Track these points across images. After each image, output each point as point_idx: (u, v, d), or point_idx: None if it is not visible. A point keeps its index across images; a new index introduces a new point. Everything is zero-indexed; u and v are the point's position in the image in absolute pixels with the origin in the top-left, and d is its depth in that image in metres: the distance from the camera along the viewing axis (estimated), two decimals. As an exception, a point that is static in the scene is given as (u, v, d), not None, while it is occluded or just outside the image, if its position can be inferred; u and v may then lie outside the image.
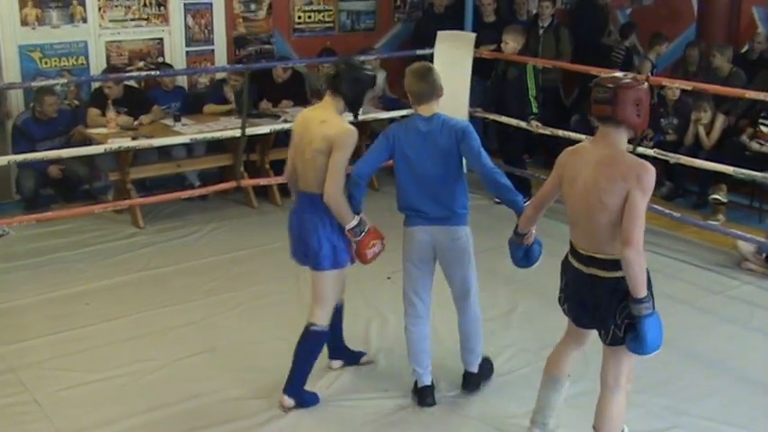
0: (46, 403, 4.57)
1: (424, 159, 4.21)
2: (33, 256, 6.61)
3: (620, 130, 3.54)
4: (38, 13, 7.66)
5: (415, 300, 4.43)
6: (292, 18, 9.11)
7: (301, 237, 4.29)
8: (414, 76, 4.29)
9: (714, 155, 7.24)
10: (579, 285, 3.71)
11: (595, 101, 3.57)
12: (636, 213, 3.42)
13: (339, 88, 4.23)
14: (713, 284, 6.22)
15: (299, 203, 4.34)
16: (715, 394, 4.74)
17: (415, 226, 4.31)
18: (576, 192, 3.60)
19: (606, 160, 3.51)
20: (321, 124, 4.19)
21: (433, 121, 4.25)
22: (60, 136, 7.45)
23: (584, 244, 3.64)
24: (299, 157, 4.28)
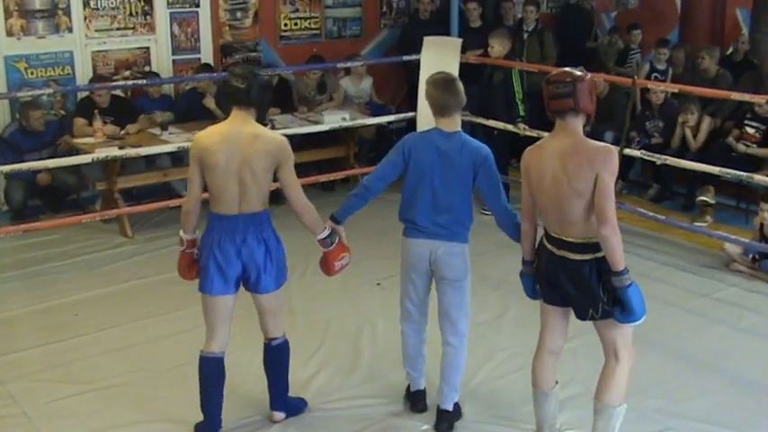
0: (35, 415, 4.54)
1: (436, 178, 4.10)
2: (21, 267, 6.58)
3: (577, 119, 3.73)
4: (23, 24, 7.64)
5: (410, 308, 4.36)
6: (279, 25, 9.11)
7: (251, 260, 4.00)
8: (438, 87, 4.15)
9: (701, 156, 7.27)
10: (551, 266, 3.83)
11: (555, 96, 3.73)
12: (607, 193, 3.61)
13: (251, 99, 4.00)
14: (701, 286, 6.25)
15: (235, 227, 3.97)
16: (706, 395, 4.76)
17: (415, 238, 4.20)
18: (546, 184, 3.73)
19: (571, 149, 3.68)
20: (255, 140, 3.92)
21: (454, 139, 4.12)
22: (47, 147, 7.42)
23: (556, 228, 3.78)
24: (231, 178, 3.91)
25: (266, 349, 4.30)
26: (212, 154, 3.92)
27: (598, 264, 3.73)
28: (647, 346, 5.30)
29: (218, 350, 4.15)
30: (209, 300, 4.08)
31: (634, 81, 7.35)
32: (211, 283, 4.03)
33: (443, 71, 4.32)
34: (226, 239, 3.98)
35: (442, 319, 4.32)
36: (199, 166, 3.97)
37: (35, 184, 7.39)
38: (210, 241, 4.02)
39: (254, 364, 4.53)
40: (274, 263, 4.06)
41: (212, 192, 4.00)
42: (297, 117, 8.24)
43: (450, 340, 4.32)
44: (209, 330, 4.16)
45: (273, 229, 4.08)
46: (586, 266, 3.74)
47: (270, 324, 4.24)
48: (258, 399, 4.52)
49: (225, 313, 4.12)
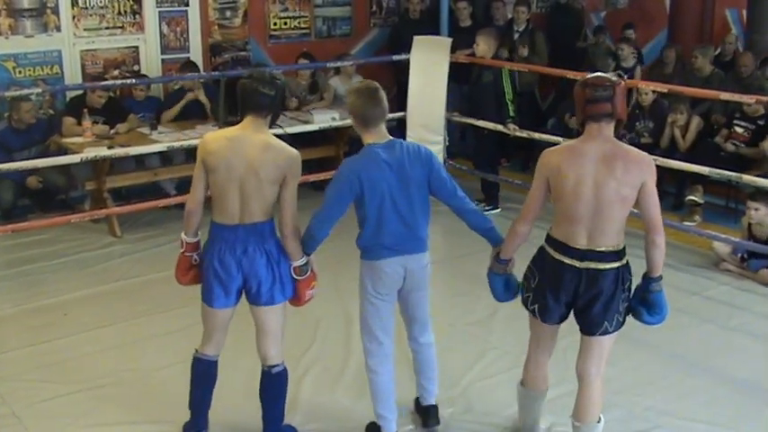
0: (24, 415, 4.52)
1: (398, 193, 3.91)
2: (10, 267, 6.55)
3: (611, 125, 3.69)
4: (11, 23, 7.61)
5: (382, 338, 4.10)
6: (268, 25, 9.10)
7: (252, 272, 3.89)
8: (361, 97, 3.93)
9: (690, 156, 7.30)
10: (565, 281, 3.73)
11: (593, 100, 3.64)
12: (657, 200, 3.67)
13: (275, 107, 3.94)
14: (691, 285, 6.27)
15: (235, 237, 3.87)
16: (696, 394, 4.78)
17: (386, 258, 3.98)
18: (585, 189, 3.62)
19: (613, 154, 3.62)
20: (266, 150, 3.81)
21: (396, 148, 3.93)
22: (37, 145, 7.39)
23: (584, 239, 3.68)
24: (233, 187, 3.82)
25: (265, 377, 4.11)
26: (215, 158, 3.83)
27: (623, 272, 3.74)
28: (636, 344, 5.32)
29: (212, 354, 4.12)
30: (209, 310, 4.02)
31: (624, 81, 7.36)
32: (212, 295, 3.96)
33: (366, 80, 4.14)
34: (226, 251, 3.88)
35: (412, 325, 4.24)
36: (203, 169, 3.89)
37: (24, 183, 7.36)
38: (212, 253, 3.92)
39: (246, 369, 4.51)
40: (277, 275, 3.92)
41: (214, 198, 3.91)
42: (287, 116, 8.22)
43: (422, 340, 4.27)
44: (207, 336, 4.11)
45: (277, 241, 3.94)
46: (612, 276, 3.71)
47: (270, 348, 4.06)
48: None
49: (224, 323, 4.08)
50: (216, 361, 4.15)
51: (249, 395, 4.34)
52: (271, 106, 3.89)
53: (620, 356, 5.12)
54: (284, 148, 3.87)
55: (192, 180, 3.96)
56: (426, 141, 7.76)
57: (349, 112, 4.02)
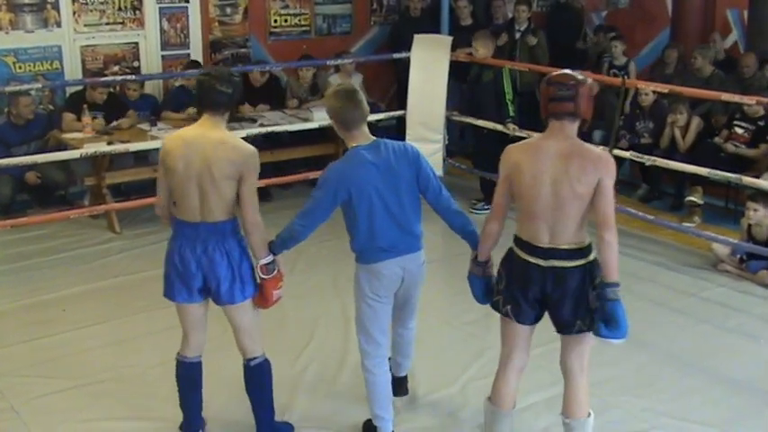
0: (23, 411, 4.53)
1: (386, 193, 3.89)
2: (9, 263, 6.55)
3: (574, 124, 3.67)
4: (11, 18, 7.60)
5: (381, 339, 4.11)
6: (268, 22, 9.10)
7: (211, 271, 3.85)
8: (339, 99, 3.90)
9: (689, 157, 7.30)
10: (533, 281, 3.69)
11: (555, 98, 3.63)
12: (611, 198, 3.59)
13: (233, 104, 3.93)
14: (689, 286, 6.27)
15: (196, 235, 3.84)
16: (693, 395, 4.78)
17: (383, 261, 3.96)
18: (542, 186, 3.60)
19: (570, 152, 3.60)
20: (220, 146, 3.77)
21: (381, 148, 3.91)
22: (36, 140, 7.39)
23: (546, 237, 3.65)
24: (191, 184, 3.78)
25: (245, 370, 4.12)
26: (172, 158, 3.81)
27: (590, 269, 3.66)
28: (635, 345, 5.31)
29: (191, 356, 4.09)
30: (178, 307, 4.01)
31: (624, 81, 7.37)
32: (172, 290, 3.94)
33: (343, 83, 4.18)
34: (186, 248, 3.86)
35: (404, 315, 4.32)
36: (164, 171, 3.88)
37: (23, 179, 7.36)
38: (172, 247, 3.92)
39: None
40: (237, 275, 3.87)
41: (174, 197, 3.88)
42: (286, 114, 8.23)
43: (410, 325, 4.39)
44: (184, 336, 4.09)
45: (239, 240, 3.89)
46: (579, 273, 3.65)
47: (245, 341, 4.06)
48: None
49: (195, 321, 4.02)
50: (198, 362, 4.11)
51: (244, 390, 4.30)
52: (228, 104, 3.87)
53: (618, 357, 5.13)
54: (239, 145, 3.84)
55: (157, 183, 3.96)
56: (426, 140, 7.77)
57: (329, 116, 3.99)
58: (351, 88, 4.01)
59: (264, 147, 8.10)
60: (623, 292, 5.99)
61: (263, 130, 7.72)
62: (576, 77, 3.65)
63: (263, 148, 8.10)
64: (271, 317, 4.69)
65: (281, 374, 4.89)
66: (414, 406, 4.63)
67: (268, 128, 7.76)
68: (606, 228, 3.57)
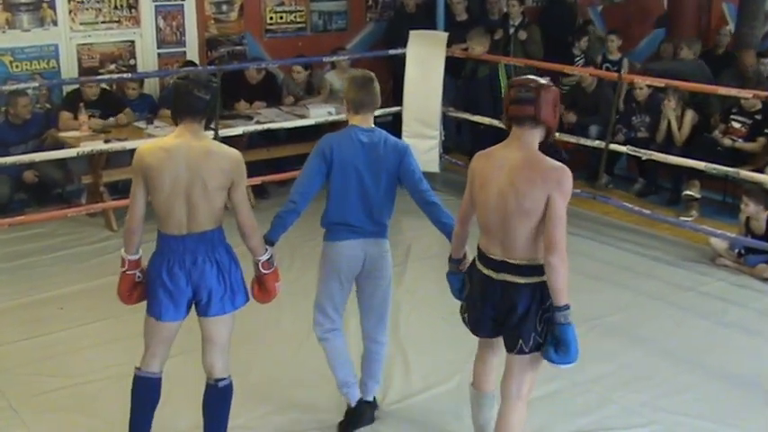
0: (22, 409, 4.53)
1: (365, 172, 3.99)
2: (6, 261, 6.55)
3: (535, 131, 3.48)
4: (8, 17, 7.59)
5: (333, 315, 4.19)
6: (264, 19, 9.09)
7: (202, 282, 3.74)
8: (355, 85, 4.07)
9: (686, 151, 7.31)
10: (487, 293, 3.58)
11: (515, 101, 3.45)
12: (558, 217, 3.34)
13: (211, 110, 3.80)
14: (687, 281, 6.28)
15: (183, 248, 3.72)
16: (691, 390, 4.78)
17: (345, 240, 4.05)
18: (490, 197, 3.48)
19: (522, 163, 3.42)
20: (209, 157, 3.66)
21: (375, 134, 4.06)
22: (33, 140, 7.39)
23: (497, 249, 3.52)
24: (179, 198, 3.66)
25: (209, 391, 3.93)
26: (158, 173, 3.64)
27: (541, 289, 3.46)
28: (632, 340, 5.34)
29: (157, 370, 3.92)
30: (157, 324, 3.82)
31: (620, 76, 7.38)
32: (161, 309, 3.78)
33: (363, 70, 4.21)
34: (174, 263, 3.73)
35: (370, 318, 4.25)
36: (143, 184, 3.70)
37: (21, 178, 7.35)
38: (159, 265, 3.76)
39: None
40: (228, 285, 3.79)
41: (158, 212, 3.74)
42: (283, 111, 8.23)
43: (378, 338, 4.28)
44: (150, 350, 3.89)
45: (227, 248, 3.81)
46: (528, 291, 3.47)
47: (217, 360, 3.88)
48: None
49: (171, 337, 3.90)
50: (160, 378, 3.94)
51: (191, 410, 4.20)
52: (206, 110, 3.74)
53: (615, 352, 5.15)
54: (227, 152, 3.74)
55: (131, 194, 3.77)
56: (422, 136, 7.77)
57: (344, 97, 4.16)
58: (368, 76, 4.13)
59: (261, 144, 8.14)
60: (620, 288, 6.04)
61: (260, 127, 7.72)
62: (538, 81, 3.47)
63: (260, 145, 8.16)
64: (269, 312, 4.71)
65: (280, 370, 4.92)
66: (412, 403, 4.63)
67: (264, 125, 7.76)
68: (551, 251, 3.33)
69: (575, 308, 5.69)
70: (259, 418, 4.47)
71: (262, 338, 5.24)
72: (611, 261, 6.58)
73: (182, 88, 3.75)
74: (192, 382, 4.24)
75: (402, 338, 5.26)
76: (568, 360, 3.45)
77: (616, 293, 6.03)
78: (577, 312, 5.58)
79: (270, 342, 5.25)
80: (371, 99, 4.08)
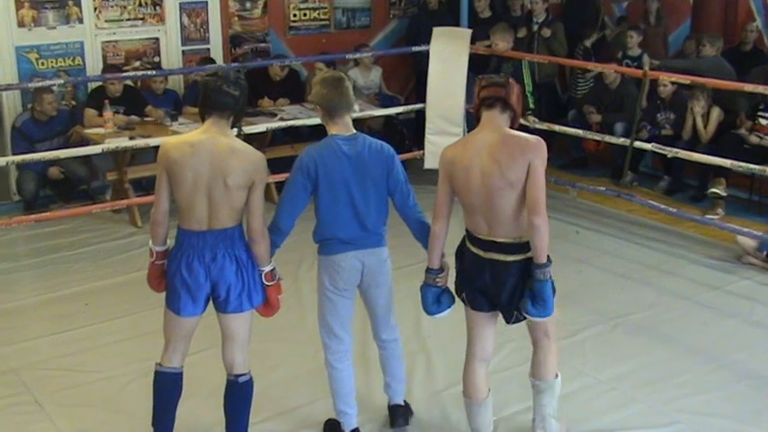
0: (47, 404, 4.58)
1: (353, 185, 3.87)
2: (33, 257, 6.62)
3: (503, 116, 3.78)
4: (34, 15, 7.66)
5: (341, 334, 4.07)
6: (287, 16, 9.11)
7: (221, 278, 3.76)
8: (325, 87, 3.88)
9: (712, 148, 7.24)
10: (477, 271, 3.77)
11: (488, 85, 3.82)
12: (540, 181, 3.62)
13: (241, 108, 3.82)
14: (713, 279, 6.22)
15: (203, 243, 3.74)
16: (716, 389, 4.74)
17: (342, 253, 3.95)
18: (474, 180, 3.68)
19: (499, 141, 3.69)
20: (232, 155, 3.68)
21: (358, 142, 3.90)
22: (58, 136, 7.46)
23: (484, 229, 3.73)
24: (200, 194, 3.69)
25: (230, 387, 3.96)
26: (181, 168, 3.68)
27: (527, 265, 3.69)
28: (657, 338, 5.30)
29: (177, 365, 3.96)
30: (176, 319, 3.86)
31: (645, 73, 7.32)
32: (179, 304, 3.81)
33: (332, 70, 4.15)
34: (194, 258, 3.75)
35: (375, 321, 4.21)
36: (167, 178, 3.74)
37: (46, 175, 7.42)
38: (179, 259, 3.79)
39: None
40: (246, 281, 3.80)
41: (180, 206, 3.77)
42: (306, 108, 8.24)
43: (385, 337, 4.23)
44: (170, 346, 3.93)
45: (247, 246, 3.82)
46: (516, 268, 3.70)
47: (237, 356, 3.91)
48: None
49: (190, 332, 3.93)
50: (181, 372, 3.98)
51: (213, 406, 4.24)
52: (234, 107, 3.77)
53: (640, 351, 5.12)
54: (250, 152, 3.76)
55: (156, 188, 3.80)
56: (445, 133, 7.75)
57: (314, 102, 3.97)
58: (338, 76, 3.98)
59: (284, 141, 8.16)
60: (645, 286, 6.00)
61: (283, 124, 7.74)
62: (506, 76, 3.91)
63: (284, 142, 8.18)
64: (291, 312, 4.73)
65: (301, 368, 4.92)
66: (433, 401, 4.62)
67: (288, 122, 7.77)
68: (535, 212, 3.59)
69: (599, 306, 5.69)
70: (280, 415, 4.48)
71: (285, 336, 5.24)
72: (635, 259, 6.54)
73: (211, 84, 3.78)
74: (215, 378, 4.27)
75: (424, 336, 5.26)
76: (545, 314, 3.70)
77: (641, 292, 5.98)
78: (602, 310, 5.62)
79: (293, 340, 5.25)
80: (345, 101, 3.89)
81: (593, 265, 6.43)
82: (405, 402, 4.37)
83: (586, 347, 5.16)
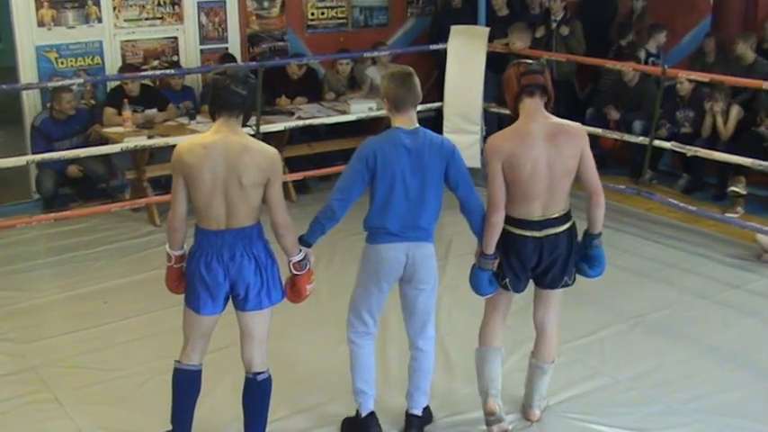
0: (67, 401, 4.60)
1: (410, 180, 3.90)
2: (52, 255, 6.66)
3: (544, 100, 3.95)
4: (54, 14, 7.71)
5: (367, 319, 4.12)
6: (305, 15, 9.12)
7: (240, 277, 3.77)
8: (394, 82, 3.93)
9: (732, 146, 7.19)
10: (532, 252, 3.97)
11: (528, 72, 3.91)
12: (593, 163, 3.94)
13: (249, 106, 3.82)
14: (732, 278, 6.18)
15: (222, 242, 3.75)
16: (736, 389, 4.71)
17: (387, 243, 3.97)
18: (540, 169, 3.85)
19: (555, 130, 3.89)
20: (245, 153, 3.68)
21: (419, 136, 3.93)
22: (77, 135, 7.50)
23: (538, 212, 3.93)
24: (217, 195, 3.70)
25: (248, 384, 3.97)
26: (197, 171, 3.68)
27: (573, 231, 4.03)
28: (677, 338, 5.28)
29: (197, 363, 3.98)
30: (196, 317, 3.88)
31: (664, 71, 7.28)
32: (199, 302, 3.83)
33: (401, 66, 4.09)
34: (213, 258, 3.76)
35: (412, 324, 4.16)
36: (183, 182, 3.75)
37: (65, 173, 7.47)
38: (197, 258, 3.80)
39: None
40: (265, 280, 3.81)
41: (197, 207, 3.78)
42: (324, 107, 8.25)
43: (421, 346, 4.17)
44: (189, 344, 3.95)
45: (266, 244, 3.83)
46: (566, 236, 3.98)
47: (256, 353, 3.93)
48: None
49: (210, 330, 3.95)
50: (200, 370, 4.00)
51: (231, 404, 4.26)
52: (243, 105, 3.75)
53: (659, 350, 5.09)
54: (263, 149, 3.75)
55: (172, 193, 3.81)
56: (463, 131, 7.75)
57: (382, 95, 4.02)
58: (407, 71, 3.99)
59: (302, 139, 8.18)
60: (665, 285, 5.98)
61: (301, 122, 7.75)
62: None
63: (301, 140, 8.19)
64: (309, 309, 4.73)
65: (319, 367, 4.92)
66: (451, 399, 4.61)
67: (305, 120, 7.79)
68: (598, 192, 3.95)
69: (619, 304, 5.67)
70: (298, 413, 4.48)
71: (303, 334, 5.26)
72: (655, 258, 6.51)
73: (219, 83, 3.76)
74: (233, 375, 4.28)
75: (443, 336, 5.24)
76: (601, 271, 4.13)
77: (660, 290, 5.95)
78: (621, 309, 5.60)
79: (312, 338, 5.26)
80: (413, 96, 3.94)
81: (611, 263, 6.33)
82: (423, 413, 4.30)
83: (605, 347, 5.14)
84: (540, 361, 4.26)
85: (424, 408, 4.28)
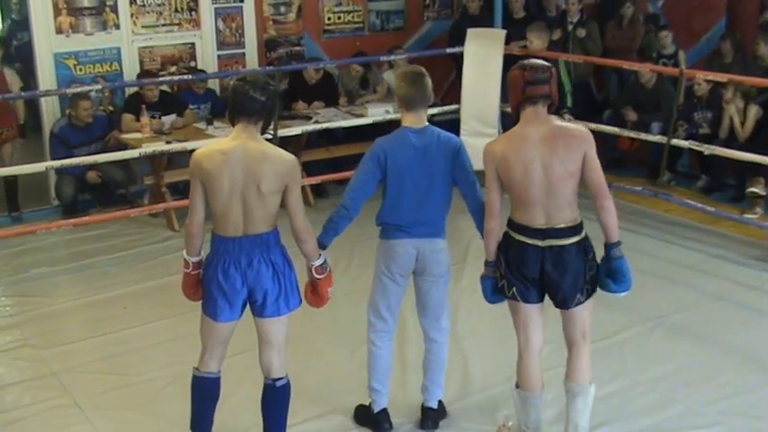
0: (87, 406, 4.63)
1: (419, 176, 4.00)
2: (72, 261, 6.71)
3: (547, 106, 3.84)
4: (72, 21, 7.77)
5: (386, 315, 4.20)
6: (322, 19, 9.14)
7: (258, 283, 3.77)
8: (405, 81, 4.03)
9: (750, 147, 7.15)
10: (533, 261, 3.81)
11: (533, 82, 3.79)
12: (599, 167, 3.77)
13: (269, 112, 3.80)
14: (752, 279, 6.14)
15: (240, 249, 3.74)
16: (757, 390, 4.68)
17: (399, 239, 4.07)
18: (535, 173, 3.74)
19: (554, 133, 3.77)
20: (264, 160, 3.68)
21: (427, 134, 4.03)
22: (96, 141, 7.54)
23: (543, 219, 3.78)
24: (235, 201, 3.69)
25: (267, 390, 3.97)
26: (216, 178, 3.68)
27: (584, 245, 3.83)
28: (696, 339, 5.25)
29: (215, 370, 3.98)
30: (213, 324, 3.88)
31: (681, 71, 7.25)
32: (216, 309, 3.83)
33: (414, 66, 4.20)
34: (230, 264, 3.76)
35: (426, 317, 4.25)
36: (201, 188, 3.75)
37: (84, 180, 7.52)
38: (215, 265, 3.80)
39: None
40: (283, 286, 3.81)
41: (215, 214, 3.77)
42: (341, 110, 8.27)
43: (434, 337, 4.26)
44: (208, 351, 3.95)
45: (283, 250, 3.83)
46: (574, 250, 3.79)
47: (275, 359, 3.92)
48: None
49: (228, 337, 3.94)
50: (219, 377, 4.01)
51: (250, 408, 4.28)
52: (262, 112, 3.75)
53: (679, 352, 5.07)
54: (282, 156, 3.75)
55: (190, 199, 3.82)
56: (480, 134, 7.73)
57: (395, 94, 4.15)
58: (418, 72, 4.09)
59: (319, 143, 8.21)
60: (684, 286, 5.95)
61: (318, 126, 7.77)
62: (546, 64, 3.87)
63: (318, 145, 8.22)
64: (326, 314, 4.73)
65: (337, 370, 4.93)
66: (470, 403, 4.61)
67: (323, 125, 7.81)
68: (602, 196, 3.76)
69: (638, 306, 5.64)
70: (317, 418, 4.49)
71: (318, 339, 5.27)
72: (673, 259, 6.48)
73: (239, 89, 3.77)
74: (252, 380, 4.29)
75: (461, 338, 5.25)
76: (626, 287, 3.83)
77: (679, 292, 5.93)
78: (640, 311, 5.57)
79: (329, 343, 5.27)
80: (423, 95, 4.03)
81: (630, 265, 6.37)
82: (438, 406, 4.37)
83: (625, 349, 5.12)
84: (569, 380, 4.01)
85: (439, 400, 4.36)
